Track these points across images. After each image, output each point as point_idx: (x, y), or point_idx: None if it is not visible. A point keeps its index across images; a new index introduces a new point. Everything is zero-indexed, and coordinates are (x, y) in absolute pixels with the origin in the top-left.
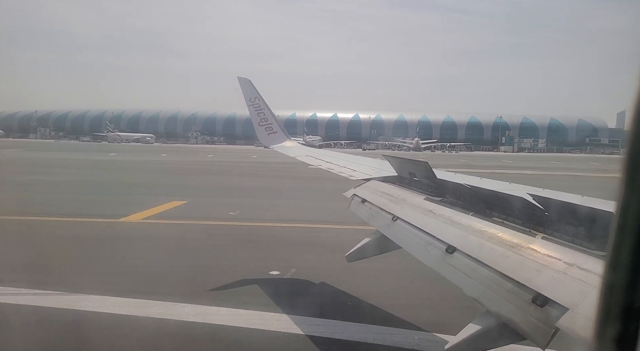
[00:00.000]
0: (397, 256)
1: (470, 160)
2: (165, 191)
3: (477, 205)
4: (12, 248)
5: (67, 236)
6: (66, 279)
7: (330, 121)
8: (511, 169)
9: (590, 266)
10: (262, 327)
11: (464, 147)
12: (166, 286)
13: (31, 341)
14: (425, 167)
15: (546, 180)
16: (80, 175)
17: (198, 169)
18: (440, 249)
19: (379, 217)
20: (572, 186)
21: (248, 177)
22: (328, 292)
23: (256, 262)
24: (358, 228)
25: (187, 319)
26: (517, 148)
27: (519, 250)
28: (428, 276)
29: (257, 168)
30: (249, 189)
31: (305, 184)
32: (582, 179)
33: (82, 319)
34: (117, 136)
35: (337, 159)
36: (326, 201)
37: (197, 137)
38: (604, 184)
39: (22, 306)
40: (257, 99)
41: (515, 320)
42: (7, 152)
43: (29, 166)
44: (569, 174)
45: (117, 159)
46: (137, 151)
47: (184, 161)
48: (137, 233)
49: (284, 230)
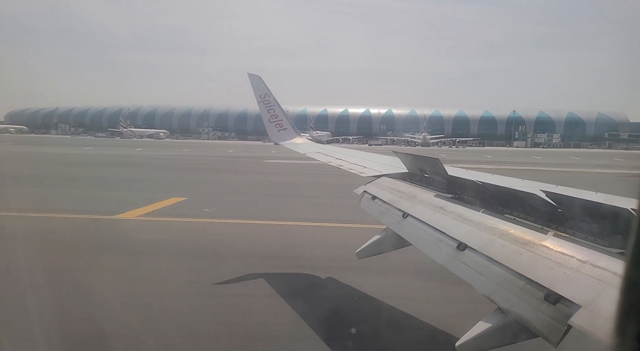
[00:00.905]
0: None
1: (460, 155)
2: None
3: (488, 202)
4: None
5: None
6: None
7: (341, 116)
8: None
9: (604, 264)
10: None
11: (475, 142)
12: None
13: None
14: (436, 164)
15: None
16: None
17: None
18: (451, 246)
19: (390, 214)
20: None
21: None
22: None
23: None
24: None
25: None
26: (530, 143)
27: (532, 247)
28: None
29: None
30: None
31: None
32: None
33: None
34: (130, 131)
35: (347, 155)
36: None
37: (209, 133)
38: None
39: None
40: (267, 96)
41: (527, 318)
42: (10, 148)
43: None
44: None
45: (134, 153)
46: (156, 146)
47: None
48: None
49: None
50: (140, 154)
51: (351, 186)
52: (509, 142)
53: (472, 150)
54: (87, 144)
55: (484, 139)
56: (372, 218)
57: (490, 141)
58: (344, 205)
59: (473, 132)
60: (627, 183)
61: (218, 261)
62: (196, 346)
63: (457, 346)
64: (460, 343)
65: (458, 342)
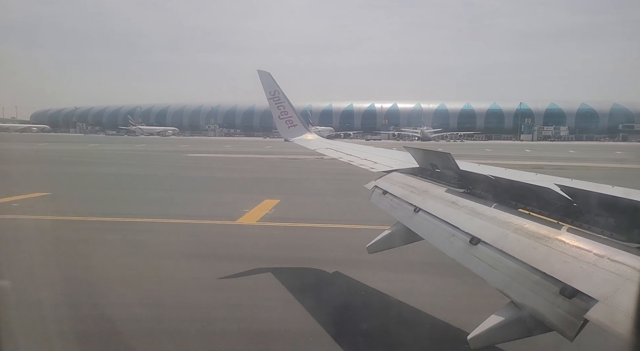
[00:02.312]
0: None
1: (456, 150)
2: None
3: (501, 196)
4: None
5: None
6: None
7: (345, 111)
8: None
9: (622, 258)
10: None
11: (479, 136)
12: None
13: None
14: (447, 158)
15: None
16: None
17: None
18: (463, 240)
19: (401, 208)
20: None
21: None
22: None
23: None
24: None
25: None
26: (537, 137)
27: (547, 241)
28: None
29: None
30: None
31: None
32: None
33: None
34: (139, 129)
35: (357, 151)
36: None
37: (215, 129)
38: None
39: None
40: (277, 93)
41: (542, 312)
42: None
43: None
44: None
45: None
46: (140, 142)
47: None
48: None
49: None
50: (80, 149)
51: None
52: (517, 135)
53: (471, 144)
54: (74, 141)
55: (492, 132)
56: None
57: (498, 134)
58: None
59: (479, 126)
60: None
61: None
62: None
63: (469, 339)
64: (472, 336)
65: (470, 335)
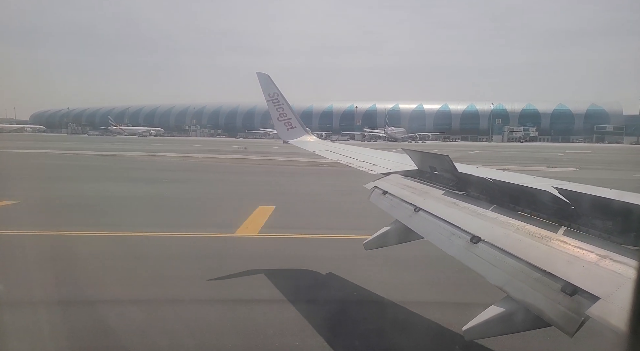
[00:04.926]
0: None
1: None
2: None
3: (500, 199)
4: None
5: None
6: None
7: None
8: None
9: (623, 259)
10: None
11: (439, 137)
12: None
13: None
14: (446, 161)
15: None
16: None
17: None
18: (464, 239)
19: (400, 208)
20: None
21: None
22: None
23: None
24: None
25: None
26: (506, 138)
27: (548, 241)
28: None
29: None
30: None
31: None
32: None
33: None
34: (119, 129)
35: (356, 153)
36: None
37: (197, 130)
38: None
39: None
40: (276, 95)
41: (542, 308)
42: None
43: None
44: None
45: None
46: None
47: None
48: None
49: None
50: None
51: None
52: (491, 137)
53: (430, 144)
54: (47, 140)
55: (468, 133)
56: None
57: (474, 135)
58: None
59: (455, 127)
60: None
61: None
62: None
63: (464, 331)
64: (467, 327)
65: (465, 326)
